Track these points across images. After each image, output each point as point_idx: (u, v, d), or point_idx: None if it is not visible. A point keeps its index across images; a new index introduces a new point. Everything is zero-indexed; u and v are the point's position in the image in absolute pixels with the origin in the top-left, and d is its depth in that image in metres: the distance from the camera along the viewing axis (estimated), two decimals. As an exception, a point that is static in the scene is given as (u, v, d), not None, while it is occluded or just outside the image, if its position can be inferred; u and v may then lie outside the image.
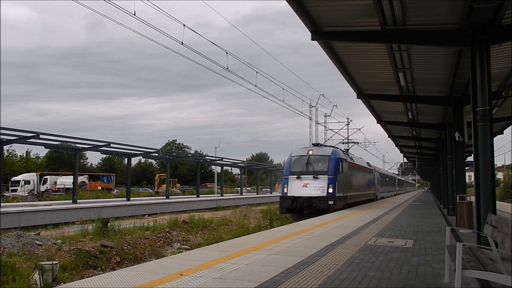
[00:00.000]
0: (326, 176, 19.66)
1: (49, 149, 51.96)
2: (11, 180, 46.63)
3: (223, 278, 5.50)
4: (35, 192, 43.60)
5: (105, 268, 11.05)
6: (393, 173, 72.46)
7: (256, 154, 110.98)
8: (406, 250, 8.24)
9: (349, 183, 22.72)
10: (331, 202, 18.80)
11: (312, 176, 19.82)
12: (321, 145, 22.50)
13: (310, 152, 20.83)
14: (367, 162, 33.49)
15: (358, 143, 46.23)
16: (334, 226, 12.34)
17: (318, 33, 10.23)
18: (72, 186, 30.04)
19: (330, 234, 10.21)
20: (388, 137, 30.29)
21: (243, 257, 6.99)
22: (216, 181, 65.38)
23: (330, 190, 19.21)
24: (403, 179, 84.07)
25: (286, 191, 19.88)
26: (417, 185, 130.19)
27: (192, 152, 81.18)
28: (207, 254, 7.33)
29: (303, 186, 19.62)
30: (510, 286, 3.99)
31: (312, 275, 5.79)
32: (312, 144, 22.14)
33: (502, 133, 25.04)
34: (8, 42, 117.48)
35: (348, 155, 25.60)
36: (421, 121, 22.48)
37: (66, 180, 45.60)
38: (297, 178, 20.01)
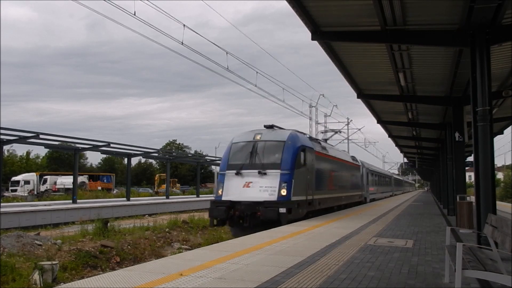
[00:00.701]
0: (279, 171, 13.75)
1: (49, 149, 51.99)
2: (11, 180, 46.66)
3: (223, 278, 5.50)
4: (35, 192, 43.62)
5: (105, 268, 11.06)
6: (389, 171, 67.03)
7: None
8: (406, 250, 8.24)
9: (318, 182, 16.66)
10: (283, 210, 12.82)
11: (257, 171, 13.87)
12: (276, 127, 15.89)
13: (258, 137, 14.73)
14: (352, 156, 27.77)
15: (340, 131, 38.01)
16: (334, 226, 12.34)
17: (318, 33, 10.24)
18: (72, 186, 30.05)
19: (330, 234, 10.21)
20: (388, 137, 30.30)
21: (243, 257, 6.99)
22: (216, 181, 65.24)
23: (283, 192, 13.36)
24: (401, 178, 79.13)
25: (220, 194, 14.08)
26: (417, 185, 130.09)
27: (192, 152, 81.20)
28: (207, 254, 7.33)
29: (244, 186, 13.82)
30: (510, 286, 3.99)
31: (312, 275, 5.79)
32: (264, 126, 15.66)
33: (502, 133, 25.05)
34: (8, 42, 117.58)
35: (320, 143, 19.08)
36: (421, 121, 22.48)
37: (66, 180, 45.63)
38: (236, 174, 14.09)
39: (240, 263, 6.52)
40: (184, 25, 14.47)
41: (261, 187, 13.67)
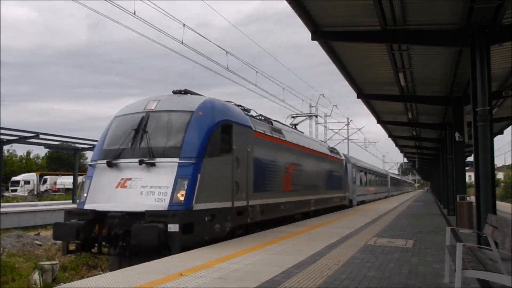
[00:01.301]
0: (176, 160, 8.47)
1: (49, 149, 52.01)
2: (11, 180, 46.68)
3: (223, 278, 5.50)
4: (35, 192, 43.63)
5: (105, 268, 11.06)
6: (385, 169, 62.58)
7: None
8: (406, 250, 8.24)
9: (260, 179, 11.14)
10: (173, 227, 7.68)
11: (139, 160, 8.51)
12: (188, 92, 10.30)
13: (152, 107, 9.35)
14: (332, 148, 22.17)
15: (317, 116, 29.49)
16: (334, 226, 12.34)
17: (318, 33, 10.23)
18: (72, 186, 30.05)
19: (330, 234, 10.21)
20: (388, 137, 30.31)
21: (243, 257, 6.99)
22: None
23: (181, 196, 8.13)
24: (399, 177, 74.78)
25: (85, 198, 8.82)
26: (416, 185, 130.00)
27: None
28: (207, 254, 7.32)
29: (118, 186, 8.51)
30: (510, 286, 3.99)
31: (312, 275, 5.79)
32: (173, 91, 10.23)
33: (502, 133, 25.06)
34: (9, 42, 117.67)
35: (271, 123, 13.10)
36: (421, 121, 22.49)
37: (66, 180, 45.65)
38: (109, 166, 8.74)
39: (240, 263, 6.52)
40: (184, 24, 14.47)
41: (144, 187, 8.28)
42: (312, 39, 10.33)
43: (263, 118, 12.81)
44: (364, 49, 12.01)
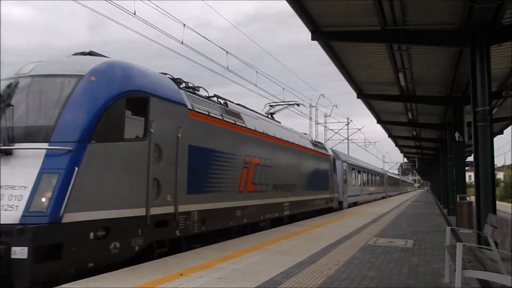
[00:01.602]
0: (45, 146, 5.65)
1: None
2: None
3: (223, 278, 5.50)
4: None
5: (105, 268, 11.05)
6: (382, 168, 59.89)
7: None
8: (406, 250, 8.24)
9: (202, 176, 8.43)
10: (19, 252, 4.92)
11: None
12: (93, 55, 7.29)
13: (27, 70, 6.50)
14: (316, 142, 19.45)
15: (298, 105, 19.77)
16: (334, 226, 12.34)
17: (318, 33, 10.24)
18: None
19: (330, 234, 10.21)
20: (388, 137, 30.32)
21: (243, 257, 6.99)
22: None
23: (44, 200, 5.30)
24: (398, 177, 71.77)
25: None
26: (416, 185, 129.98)
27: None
28: (207, 254, 7.33)
29: None
30: (510, 286, 3.99)
31: (312, 275, 5.79)
32: (80, 53, 7.34)
33: (502, 133, 25.10)
34: (9, 42, 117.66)
35: (227, 103, 10.38)
36: (421, 121, 22.50)
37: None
38: None
39: (240, 263, 6.52)
40: (184, 24, 14.45)
41: None
42: (312, 39, 10.34)
43: (223, 101, 10.22)
44: (364, 49, 12.01)
